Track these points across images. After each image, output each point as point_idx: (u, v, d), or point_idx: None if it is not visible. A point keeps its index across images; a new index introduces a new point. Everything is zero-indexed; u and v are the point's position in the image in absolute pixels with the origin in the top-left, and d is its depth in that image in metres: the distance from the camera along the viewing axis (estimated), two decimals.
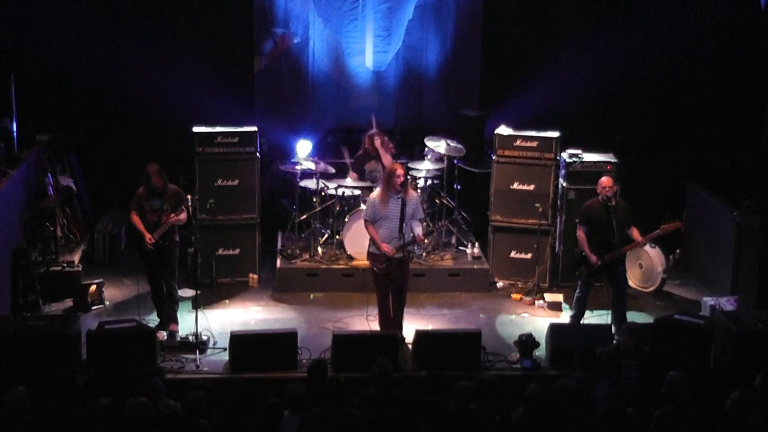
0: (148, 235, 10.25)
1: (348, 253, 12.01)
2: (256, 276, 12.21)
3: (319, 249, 12.26)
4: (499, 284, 12.26)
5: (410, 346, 10.13)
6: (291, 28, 14.30)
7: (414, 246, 10.49)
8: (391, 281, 10.31)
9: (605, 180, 10.52)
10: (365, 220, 10.35)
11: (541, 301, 11.72)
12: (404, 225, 10.07)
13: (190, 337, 10.10)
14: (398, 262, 10.20)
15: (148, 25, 13.57)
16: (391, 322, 10.39)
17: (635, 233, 10.47)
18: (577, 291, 10.71)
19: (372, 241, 10.25)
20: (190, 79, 13.53)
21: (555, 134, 12.17)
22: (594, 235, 10.45)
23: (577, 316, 10.71)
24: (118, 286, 11.92)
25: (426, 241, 11.61)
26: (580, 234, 10.53)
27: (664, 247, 12.17)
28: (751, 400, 7.44)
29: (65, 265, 11.71)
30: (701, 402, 7.83)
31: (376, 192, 10.42)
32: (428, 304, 11.45)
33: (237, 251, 12.18)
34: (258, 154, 12.15)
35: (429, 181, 12.43)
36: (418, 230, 10.27)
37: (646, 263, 12.10)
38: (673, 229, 10.53)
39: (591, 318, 10.92)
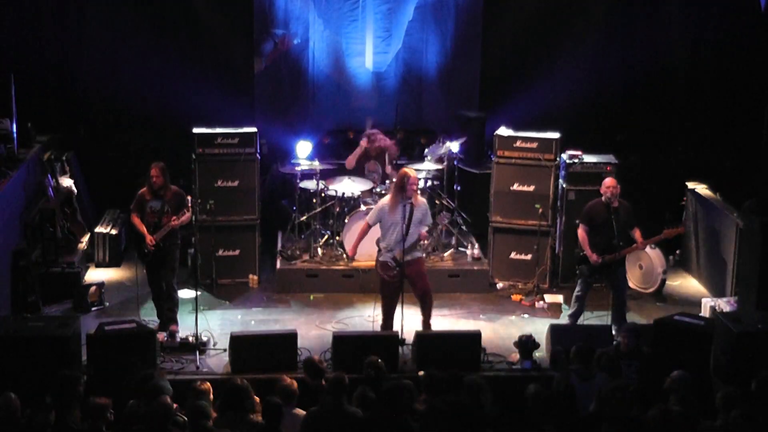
0: (149, 237, 10.26)
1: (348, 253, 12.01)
2: (256, 277, 12.21)
3: (319, 250, 12.26)
4: (499, 285, 12.26)
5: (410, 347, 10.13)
6: (291, 29, 14.31)
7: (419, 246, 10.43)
8: (413, 289, 10.35)
9: (610, 180, 10.52)
10: (366, 223, 10.36)
11: (542, 302, 11.73)
12: (410, 230, 10.07)
13: (190, 338, 10.10)
14: (408, 266, 10.18)
15: (148, 25, 13.58)
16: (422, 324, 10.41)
17: (637, 234, 10.49)
18: (577, 289, 10.73)
19: (379, 250, 10.25)
20: (190, 80, 13.54)
21: (555, 135, 12.17)
22: (596, 235, 10.46)
23: (576, 314, 10.72)
24: (118, 287, 11.92)
25: (428, 238, 11.43)
26: (581, 233, 10.54)
27: (664, 248, 12.17)
28: (739, 398, 7.46)
29: (65, 266, 11.72)
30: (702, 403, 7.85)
31: (387, 199, 10.37)
32: None
33: (237, 252, 12.18)
34: (258, 155, 12.15)
35: (429, 182, 12.43)
36: (422, 229, 10.26)
37: (646, 264, 12.10)
38: (676, 233, 10.57)
39: (591, 318, 10.93)
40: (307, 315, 11.30)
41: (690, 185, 12.97)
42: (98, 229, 12.71)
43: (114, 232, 12.69)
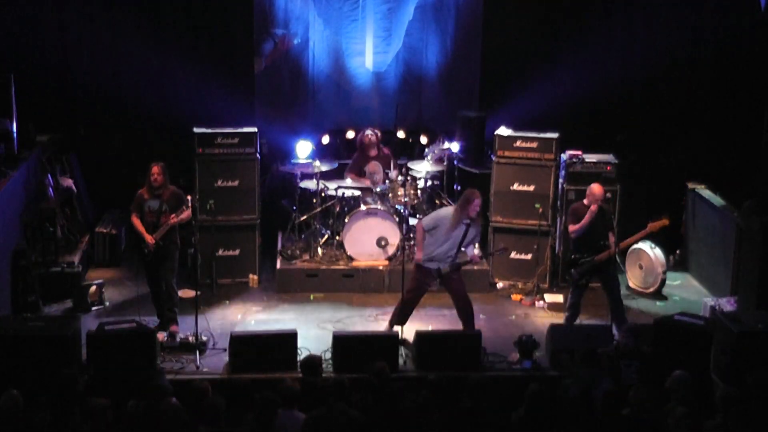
0: (148, 237, 10.26)
1: (348, 253, 12.02)
2: (256, 277, 12.21)
3: (319, 250, 12.26)
4: (499, 285, 12.26)
5: (411, 347, 10.13)
6: (291, 28, 14.30)
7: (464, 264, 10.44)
8: (453, 299, 10.38)
9: (599, 192, 10.47)
10: (422, 227, 10.23)
11: (542, 302, 11.73)
12: (461, 248, 10.10)
13: (190, 338, 10.09)
14: (452, 281, 10.21)
15: (148, 25, 13.56)
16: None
17: (611, 237, 10.47)
18: (570, 296, 10.71)
19: (425, 255, 10.18)
20: (190, 80, 13.53)
21: (555, 135, 12.17)
22: (584, 237, 10.44)
23: (571, 318, 10.72)
24: (118, 286, 11.93)
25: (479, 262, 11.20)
26: (573, 227, 10.49)
27: (665, 247, 12.17)
28: (737, 398, 7.47)
29: (65, 265, 11.72)
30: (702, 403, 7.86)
31: (449, 211, 10.26)
32: (428, 305, 11.39)
33: (237, 252, 12.18)
34: (258, 155, 12.15)
35: (429, 182, 12.43)
36: (473, 250, 10.26)
37: (646, 264, 12.10)
38: (660, 226, 10.54)
39: (591, 318, 10.93)
40: (307, 315, 11.30)
41: (690, 185, 12.98)
42: (98, 229, 12.71)
43: (114, 232, 12.69)
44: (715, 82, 13.80)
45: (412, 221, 11.98)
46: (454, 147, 12.55)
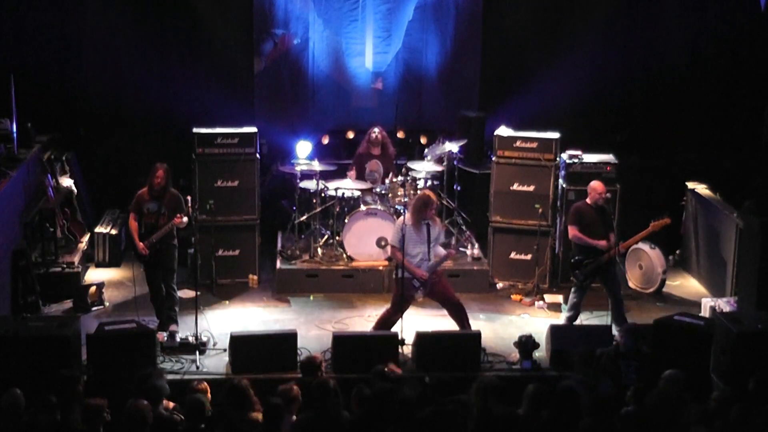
0: (140, 245, 10.25)
1: (348, 254, 12.02)
2: (255, 277, 12.21)
3: (319, 250, 12.26)
4: (499, 285, 12.26)
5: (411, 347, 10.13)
6: (291, 29, 14.32)
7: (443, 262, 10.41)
8: (443, 305, 10.31)
9: (600, 186, 10.49)
10: (392, 246, 10.16)
11: (541, 302, 11.73)
12: (431, 248, 10.06)
13: (190, 338, 10.10)
14: (433, 284, 10.14)
15: (148, 25, 13.58)
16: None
17: (611, 238, 10.47)
18: (572, 296, 10.71)
19: (405, 268, 10.02)
20: (190, 80, 13.55)
21: (555, 135, 12.18)
22: (586, 236, 10.45)
23: (571, 319, 10.72)
24: (118, 287, 11.93)
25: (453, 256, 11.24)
26: (575, 232, 10.50)
27: (665, 247, 12.17)
28: (732, 400, 7.46)
29: (65, 266, 11.72)
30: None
31: (406, 218, 10.14)
32: (428, 305, 11.37)
33: (237, 252, 12.18)
34: (258, 155, 12.15)
35: (429, 182, 12.42)
36: (441, 250, 10.20)
37: (646, 264, 12.10)
38: (662, 225, 10.54)
39: (591, 318, 10.93)
40: (307, 315, 11.30)
41: (690, 185, 12.98)
42: (98, 229, 12.71)
43: (114, 232, 12.69)
44: (715, 81, 13.81)
45: None
46: (453, 147, 12.53)
